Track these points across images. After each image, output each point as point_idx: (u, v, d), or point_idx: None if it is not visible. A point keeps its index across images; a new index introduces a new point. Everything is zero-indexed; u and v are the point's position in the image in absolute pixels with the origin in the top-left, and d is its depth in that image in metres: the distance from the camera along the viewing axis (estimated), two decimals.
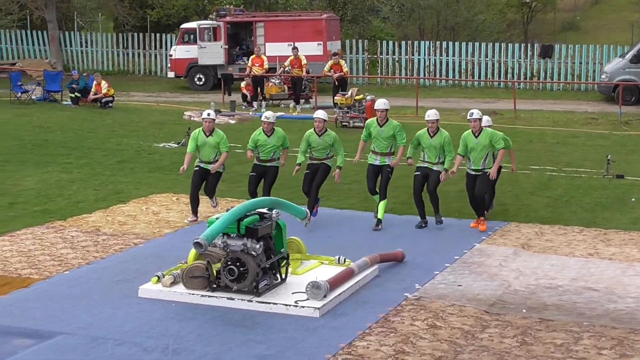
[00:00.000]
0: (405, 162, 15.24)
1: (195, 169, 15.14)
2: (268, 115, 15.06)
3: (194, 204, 15.03)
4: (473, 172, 14.77)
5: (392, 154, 15.02)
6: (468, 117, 14.59)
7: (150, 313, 10.50)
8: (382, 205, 14.78)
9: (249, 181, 15.19)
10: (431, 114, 14.88)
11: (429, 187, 14.81)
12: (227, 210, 11.21)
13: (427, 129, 14.87)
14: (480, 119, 14.61)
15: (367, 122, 15.62)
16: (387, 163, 14.94)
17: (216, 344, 9.54)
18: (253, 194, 14.74)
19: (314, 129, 15.01)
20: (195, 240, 10.68)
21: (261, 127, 15.11)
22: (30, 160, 20.67)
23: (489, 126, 15.06)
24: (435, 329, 10.10)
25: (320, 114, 15.06)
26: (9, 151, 21.66)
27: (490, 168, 14.55)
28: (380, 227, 14.66)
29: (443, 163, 14.77)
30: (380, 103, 15.12)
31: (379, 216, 14.79)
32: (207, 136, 14.99)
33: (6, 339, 9.66)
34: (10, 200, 16.44)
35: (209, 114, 15.02)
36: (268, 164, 15.14)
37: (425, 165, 14.91)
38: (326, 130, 15.07)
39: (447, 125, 26.79)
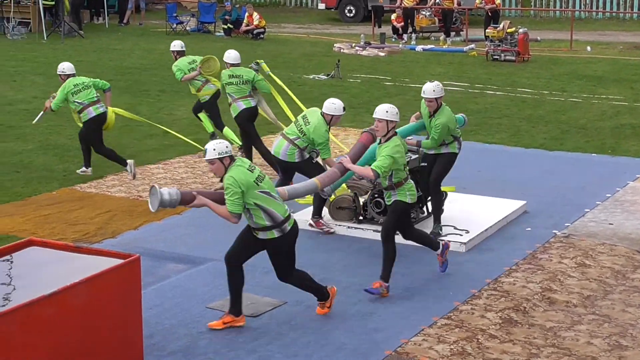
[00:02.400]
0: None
1: None
2: None
3: None
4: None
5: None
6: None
7: (298, 243, 10.60)
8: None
9: None
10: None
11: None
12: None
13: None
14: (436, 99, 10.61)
15: None
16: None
17: (361, 276, 9.60)
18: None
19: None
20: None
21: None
22: (184, 90, 21.01)
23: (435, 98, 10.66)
24: (584, 267, 9.89)
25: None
26: (164, 81, 22.16)
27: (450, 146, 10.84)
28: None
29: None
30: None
31: None
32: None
33: (161, 263, 9.98)
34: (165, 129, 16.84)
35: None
36: None
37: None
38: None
39: (602, 59, 26.06)
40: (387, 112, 9.16)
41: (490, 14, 29.52)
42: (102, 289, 7.10)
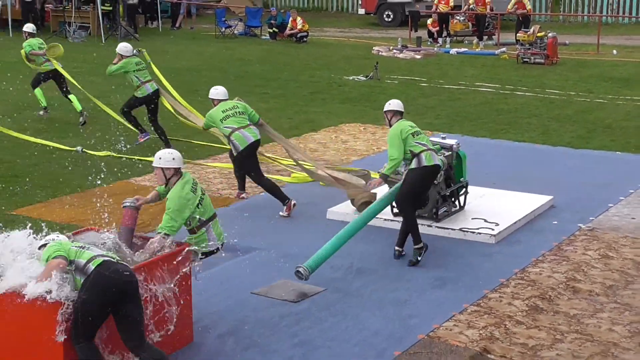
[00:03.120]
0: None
1: None
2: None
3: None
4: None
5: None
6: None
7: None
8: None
9: None
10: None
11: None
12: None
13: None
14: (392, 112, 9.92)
15: None
16: None
17: (396, 266, 9.66)
18: None
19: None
20: (297, 269, 9.04)
21: None
22: (232, 90, 20.95)
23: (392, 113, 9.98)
24: (607, 259, 9.87)
25: None
26: (214, 82, 22.06)
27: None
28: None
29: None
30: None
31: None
32: None
33: None
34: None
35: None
36: None
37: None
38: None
39: (628, 62, 25.81)
40: (160, 158, 8.02)
41: (521, 19, 29.35)
42: (155, 274, 7.24)
